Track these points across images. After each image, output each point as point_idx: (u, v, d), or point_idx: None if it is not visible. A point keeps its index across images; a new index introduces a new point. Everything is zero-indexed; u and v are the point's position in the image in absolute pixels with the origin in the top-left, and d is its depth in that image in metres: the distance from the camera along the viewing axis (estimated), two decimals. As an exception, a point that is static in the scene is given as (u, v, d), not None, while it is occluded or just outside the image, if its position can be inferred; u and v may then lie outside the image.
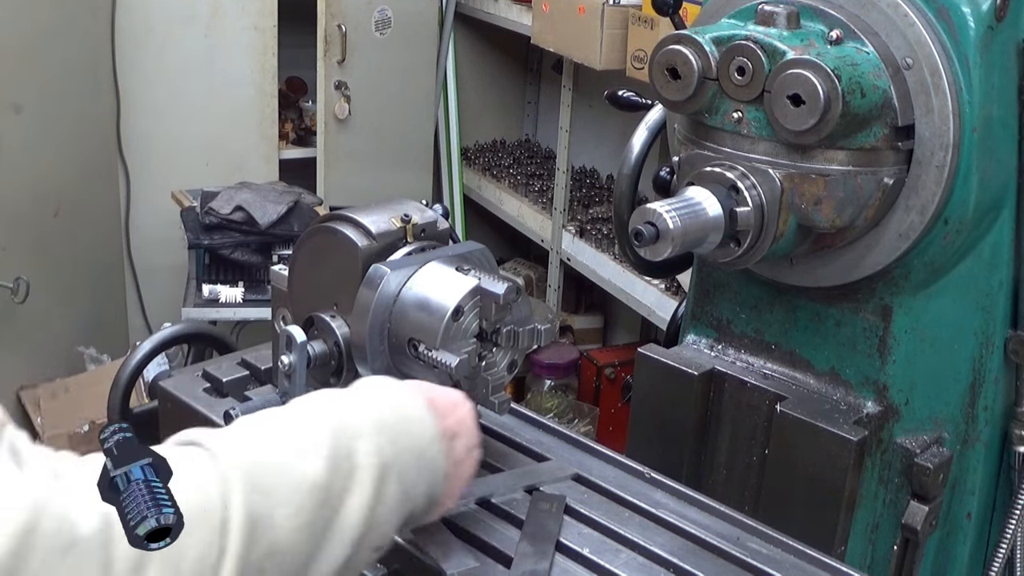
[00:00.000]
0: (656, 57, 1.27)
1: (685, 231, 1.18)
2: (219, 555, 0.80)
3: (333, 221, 1.24)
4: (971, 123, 1.22)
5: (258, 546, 0.83)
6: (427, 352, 1.14)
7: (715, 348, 1.51)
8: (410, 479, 0.97)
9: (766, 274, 1.41)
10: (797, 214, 1.24)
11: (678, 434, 1.46)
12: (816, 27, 1.25)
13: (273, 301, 1.33)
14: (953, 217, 1.27)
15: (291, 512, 0.86)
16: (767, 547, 1.16)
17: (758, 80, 1.20)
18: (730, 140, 1.26)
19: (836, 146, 1.21)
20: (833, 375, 1.41)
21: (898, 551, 1.42)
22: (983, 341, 1.38)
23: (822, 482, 1.30)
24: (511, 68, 5.10)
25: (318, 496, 0.89)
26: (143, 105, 4.06)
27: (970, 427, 1.42)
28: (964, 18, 1.22)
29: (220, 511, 0.82)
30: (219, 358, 1.52)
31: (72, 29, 3.70)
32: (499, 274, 1.22)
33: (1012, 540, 1.46)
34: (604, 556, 1.12)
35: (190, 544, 0.78)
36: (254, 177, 3.97)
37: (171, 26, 4.06)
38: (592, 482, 1.25)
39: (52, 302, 3.57)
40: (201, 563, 0.79)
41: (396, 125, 4.49)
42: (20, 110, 3.46)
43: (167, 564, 0.77)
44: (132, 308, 4.24)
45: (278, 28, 4.18)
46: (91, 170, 3.90)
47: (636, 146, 1.62)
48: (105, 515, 0.75)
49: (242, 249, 3.61)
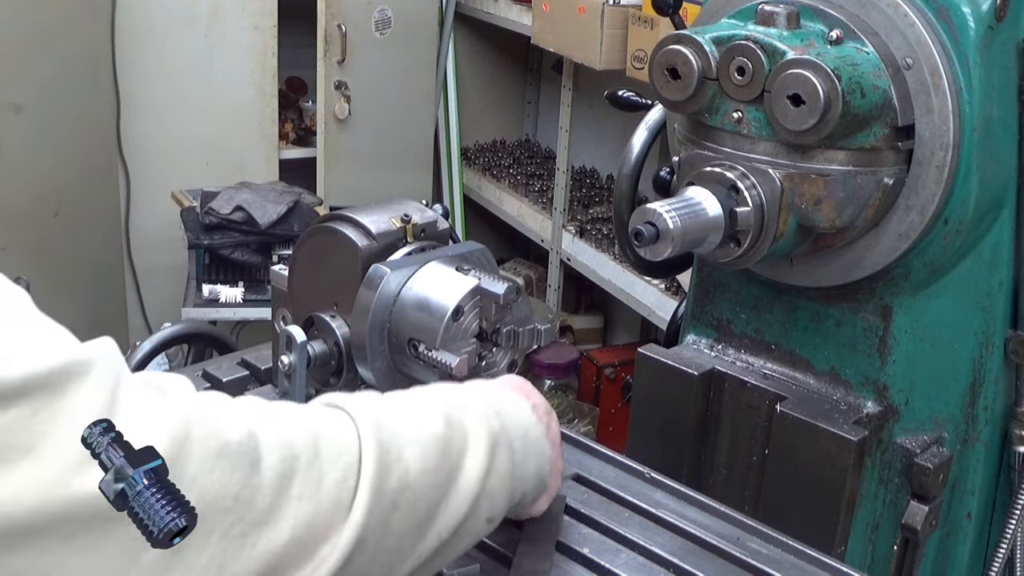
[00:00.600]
0: (656, 57, 1.27)
1: (685, 231, 1.18)
2: (356, 481, 0.87)
3: (333, 221, 1.24)
4: (971, 123, 1.22)
5: (391, 476, 0.89)
6: (427, 352, 1.14)
7: (715, 348, 1.51)
8: (519, 456, 1.02)
9: (766, 274, 1.41)
10: (797, 214, 1.24)
11: (678, 434, 1.46)
12: (816, 27, 1.25)
13: (273, 301, 1.33)
14: (953, 217, 1.27)
15: (418, 454, 0.92)
16: (767, 547, 1.15)
17: (758, 80, 1.20)
18: (730, 140, 1.26)
19: (836, 146, 1.21)
20: (833, 375, 1.41)
21: (898, 551, 1.42)
22: (983, 341, 1.38)
23: (822, 482, 1.30)
24: (511, 68, 5.10)
25: (440, 446, 0.94)
26: (143, 105, 4.06)
27: (970, 427, 1.42)
28: (964, 18, 1.22)
29: (356, 444, 0.88)
30: (219, 358, 1.52)
31: (72, 29, 3.70)
32: (499, 274, 1.22)
33: (1012, 540, 1.46)
34: (604, 556, 1.12)
35: (329, 470, 0.85)
36: (254, 177, 3.97)
37: (171, 26, 4.06)
38: (592, 482, 1.25)
39: (52, 302, 3.54)
40: (340, 487, 0.86)
41: (396, 125, 4.49)
42: (20, 110, 3.46)
43: (309, 481, 0.84)
44: (132, 308, 4.24)
45: (278, 28, 4.18)
46: (91, 170, 3.90)
47: (636, 146, 1.62)
48: (250, 428, 0.82)
49: (242, 249, 3.61)
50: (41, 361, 0.75)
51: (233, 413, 0.84)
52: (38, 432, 0.73)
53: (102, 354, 0.80)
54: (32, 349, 0.76)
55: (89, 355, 0.79)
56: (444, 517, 0.93)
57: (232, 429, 0.81)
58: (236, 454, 0.80)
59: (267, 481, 0.81)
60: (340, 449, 0.87)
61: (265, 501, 0.81)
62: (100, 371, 0.78)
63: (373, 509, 0.87)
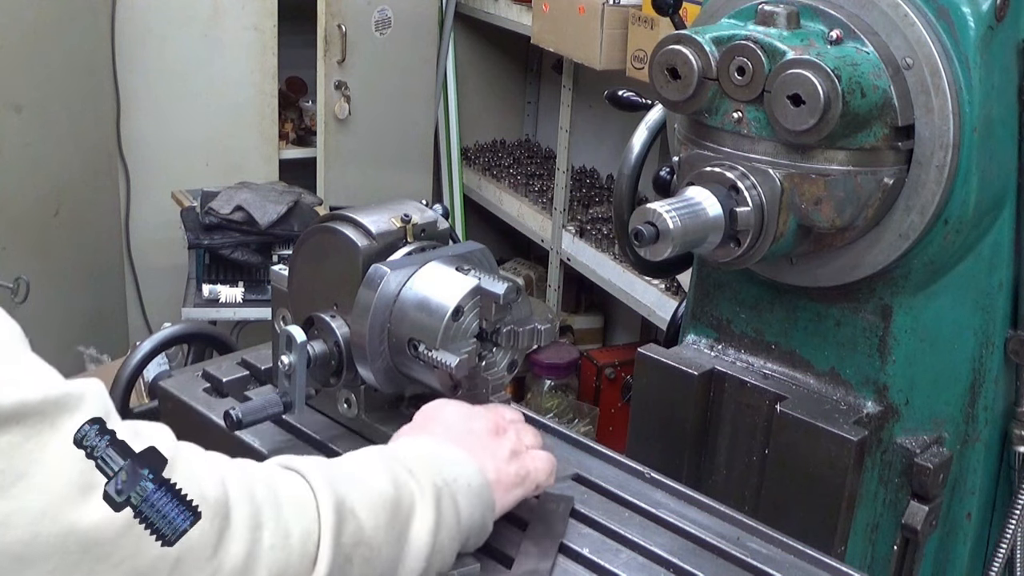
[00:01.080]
0: (656, 57, 1.27)
1: (685, 231, 1.18)
2: (318, 534, 0.91)
3: (333, 221, 1.24)
4: (971, 123, 1.22)
5: (346, 528, 0.92)
6: (427, 352, 1.14)
7: (715, 348, 1.51)
8: (464, 509, 1.04)
9: (766, 274, 1.41)
10: (797, 214, 1.24)
11: (678, 434, 1.46)
12: (816, 27, 1.25)
13: (273, 301, 1.33)
14: (953, 217, 1.27)
15: (368, 512, 0.95)
16: (767, 547, 1.15)
17: (758, 80, 1.20)
18: (730, 140, 1.26)
19: (836, 146, 1.21)
20: (833, 375, 1.41)
21: (898, 551, 1.42)
22: (983, 341, 1.38)
23: (822, 482, 1.30)
24: (511, 68, 5.10)
25: (390, 508, 0.97)
26: (143, 105, 4.06)
27: (970, 427, 1.42)
28: (964, 18, 1.22)
29: (313, 499, 0.92)
30: (219, 358, 1.52)
31: (72, 29, 3.70)
32: (499, 274, 1.22)
33: (1012, 540, 1.46)
34: (604, 556, 1.12)
35: (293, 522, 0.89)
36: (254, 177, 3.97)
37: (171, 26, 4.06)
38: (592, 482, 1.25)
39: (52, 302, 3.57)
40: (305, 540, 0.90)
41: (396, 125, 4.49)
42: (20, 110, 3.46)
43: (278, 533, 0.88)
44: (132, 308, 4.24)
45: (278, 28, 4.18)
46: (91, 170, 3.90)
47: (636, 146, 1.62)
48: (222, 479, 0.86)
49: (242, 249, 3.61)
50: (34, 390, 0.76)
51: (206, 464, 0.87)
52: (29, 459, 0.74)
53: (93, 392, 0.82)
54: (24, 379, 0.77)
55: (80, 390, 0.80)
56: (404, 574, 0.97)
57: (208, 480, 0.84)
58: (213, 505, 0.83)
59: (238, 532, 0.84)
60: (299, 503, 0.92)
61: (241, 550, 0.84)
62: (91, 405, 0.80)
63: (334, 561, 0.90)
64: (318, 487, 0.93)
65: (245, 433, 1.26)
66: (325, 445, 1.27)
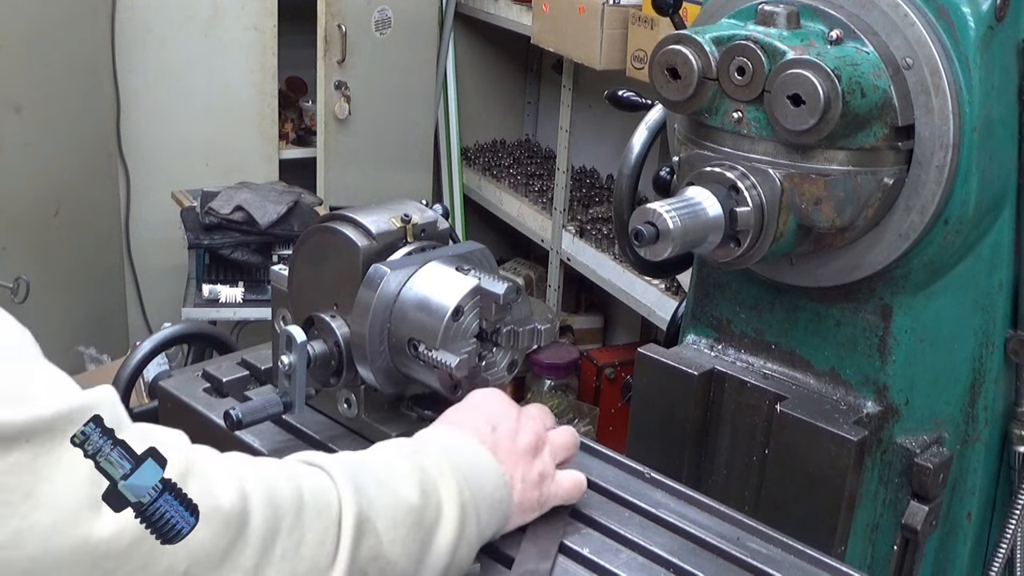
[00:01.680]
0: (656, 57, 1.27)
1: (685, 231, 1.18)
2: (335, 546, 0.90)
3: (333, 221, 1.24)
4: (971, 123, 1.22)
5: (364, 544, 0.91)
6: (427, 352, 1.14)
7: (715, 348, 1.51)
8: (484, 522, 1.04)
9: (766, 274, 1.41)
10: (797, 214, 1.24)
11: (678, 434, 1.46)
12: (816, 27, 1.25)
13: (273, 301, 1.33)
14: (953, 217, 1.27)
15: (389, 524, 0.94)
16: (767, 547, 1.15)
17: (758, 80, 1.20)
18: (730, 140, 1.26)
19: (836, 146, 1.21)
20: (833, 375, 1.41)
21: (898, 551, 1.42)
22: (983, 341, 1.38)
23: (822, 482, 1.30)
24: (511, 68, 5.10)
25: (413, 518, 0.96)
26: (143, 105, 4.07)
27: (970, 427, 1.42)
28: (964, 18, 1.22)
29: (336, 508, 0.91)
30: (219, 358, 1.52)
31: (72, 29, 3.70)
32: (499, 274, 1.22)
33: (1012, 540, 1.46)
34: (604, 556, 1.12)
35: (310, 532, 0.89)
36: (254, 177, 3.97)
37: (171, 26, 4.06)
38: (592, 482, 1.25)
39: (52, 302, 3.57)
40: (319, 549, 0.89)
41: (396, 125, 4.49)
42: (20, 110, 3.46)
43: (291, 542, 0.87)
44: (132, 308, 4.24)
45: (278, 28, 4.18)
46: (91, 170, 3.90)
47: (636, 146, 1.62)
48: (241, 487, 0.85)
49: (242, 249, 3.61)
50: (44, 406, 0.76)
51: (225, 471, 0.86)
52: (39, 475, 0.74)
53: (105, 403, 0.81)
54: (35, 393, 0.76)
55: (91, 402, 0.80)
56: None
57: (224, 489, 0.84)
58: (227, 515, 0.83)
59: (252, 542, 0.84)
60: (321, 507, 0.91)
61: (251, 561, 0.84)
62: (102, 418, 0.80)
63: (350, 571, 0.90)
64: (343, 489, 0.92)
65: (245, 433, 1.26)
66: (325, 445, 1.27)
